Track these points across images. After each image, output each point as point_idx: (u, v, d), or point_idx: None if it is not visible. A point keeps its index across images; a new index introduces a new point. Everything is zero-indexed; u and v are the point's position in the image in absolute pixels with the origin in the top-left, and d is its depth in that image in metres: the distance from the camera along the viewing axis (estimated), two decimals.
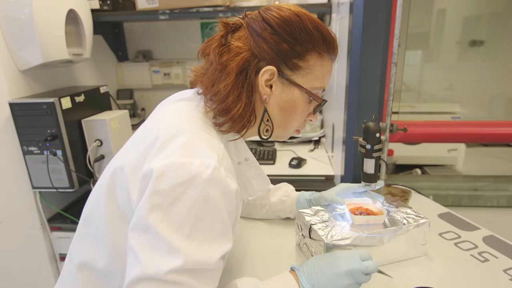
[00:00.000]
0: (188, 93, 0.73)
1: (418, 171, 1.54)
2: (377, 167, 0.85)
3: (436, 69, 2.34)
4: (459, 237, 0.95)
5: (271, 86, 0.68)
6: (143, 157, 0.60)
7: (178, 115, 0.67)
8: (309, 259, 0.71)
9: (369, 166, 0.84)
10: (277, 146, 1.84)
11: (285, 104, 0.70)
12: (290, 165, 1.58)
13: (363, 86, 1.18)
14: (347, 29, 1.24)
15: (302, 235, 0.88)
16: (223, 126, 0.67)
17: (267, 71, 0.65)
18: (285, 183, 1.07)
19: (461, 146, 1.60)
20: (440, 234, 0.96)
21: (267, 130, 0.72)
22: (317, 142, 1.84)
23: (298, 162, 1.58)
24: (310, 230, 0.83)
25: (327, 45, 0.68)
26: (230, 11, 1.65)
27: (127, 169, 0.61)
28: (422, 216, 0.86)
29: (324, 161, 1.63)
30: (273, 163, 1.63)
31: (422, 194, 1.19)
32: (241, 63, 0.65)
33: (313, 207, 0.92)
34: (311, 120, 0.77)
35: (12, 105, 1.34)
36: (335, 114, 1.52)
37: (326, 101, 0.73)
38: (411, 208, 0.90)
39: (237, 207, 0.64)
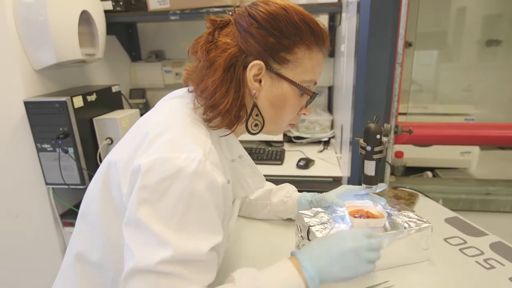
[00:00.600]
0: (181, 91, 0.75)
1: (429, 174, 1.51)
2: (378, 169, 0.83)
3: (453, 70, 2.28)
4: (465, 242, 0.92)
5: (260, 81, 0.68)
6: (133, 153, 0.62)
7: (167, 112, 0.69)
8: (311, 241, 0.69)
9: (369, 168, 0.83)
10: (286, 146, 1.84)
11: (275, 99, 0.70)
12: (298, 166, 1.57)
13: (369, 86, 1.16)
14: (355, 28, 1.23)
15: (301, 236, 0.87)
16: (213, 122, 0.68)
17: (254, 66, 0.66)
18: (287, 184, 1.06)
19: (475, 149, 1.54)
20: (445, 239, 0.94)
21: (256, 125, 0.73)
22: (326, 143, 1.83)
23: (306, 163, 1.56)
24: (308, 231, 0.82)
25: (316, 37, 0.68)
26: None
27: (119, 164, 0.63)
28: (425, 220, 0.84)
29: (332, 162, 1.61)
30: (281, 163, 1.62)
31: (430, 198, 1.16)
32: (228, 59, 0.65)
33: (313, 208, 0.91)
34: (304, 114, 0.77)
35: (27, 104, 1.38)
36: (344, 115, 1.50)
37: (317, 94, 0.74)
38: (414, 211, 0.88)
39: (225, 201, 0.65)
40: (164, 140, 0.60)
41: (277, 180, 1.46)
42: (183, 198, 0.55)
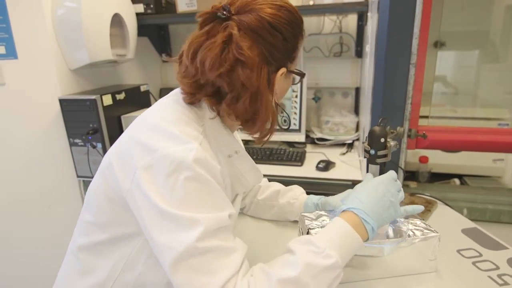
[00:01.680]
0: (178, 89, 0.76)
1: (457, 181, 1.42)
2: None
3: (496, 71, 2.12)
4: (480, 255, 0.87)
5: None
6: (131, 147, 0.66)
7: (162, 109, 0.73)
8: (353, 192, 0.76)
9: (373, 173, 0.81)
10: (308, 148, 1.82)
11: (283, 91, 0.77)
12: (317, 168, 1.55)
13: (388, 88, 1.12)
14: (375, 28, 1.19)
15: None
16: (249, 131, 0.74)
17: (279, 74, 0.71)
18: (296, 186, 1.06)
19: (510, 156, 1.42)
20: (458, 251, 0.89)
21: (284, 121, 0.78)
22: (350, 146, 1.78)
23: (326, 165, 1.54)
24: (307, 234, 0.81)
25: (303, 26, 0.73)
26: None
27: (119, 159, 0.67)
28: (433, 230, 0.80)
29: (354, 166, 1.57)
30: (301, 165, 1.61)
31: (449, 206, 1.10)
32: (266, 81, 0.68)
33: (317, 211, 0.90)
34: None
35: (61, 101, 1.49)
36: (366, 117, 1.46)
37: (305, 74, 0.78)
38: (423, 220, 0.84)
39: (225, 187, 0.71)
40: (160, 137, 0.64)
41: (295, 182, 1.45)
42: (192, 185, 0.60)
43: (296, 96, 1.79)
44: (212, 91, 0.69)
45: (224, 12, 0.65)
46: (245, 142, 1.91)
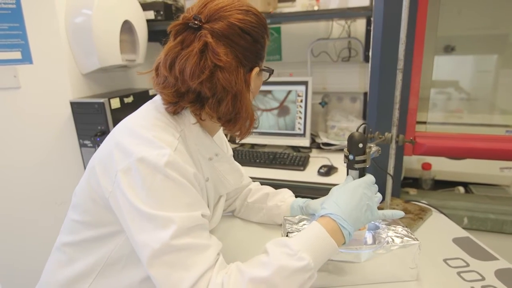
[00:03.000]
0: (158, 96, 0.79)
1: (461, 189, 1.37)
2: None
3: None
4: (467, 265, 0.84)
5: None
6: (111, 151, 0.69)
7: (141, 115, 0.76)
8: (330, 196, 0.77)
9: (353, 177, 0.80)
10: (313, 152, 1.81)
11: (256, 89, 0.79)
12: (319, 173, 1.55)
13: (382, 93, 1.11)
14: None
15: None
16: (230, 130, 0.77)
17: (254, 74, 0.75)
18: (285, 189, 1.07)
19: None
20: (445, 260, 0.86)
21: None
22: None
23: (328, 170, 1.53)
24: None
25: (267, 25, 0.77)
26: (270, 17, 1.68)
27: (101, 162, 0.71)
28: (414, 237, 0.79)
29: None
30: (303, 169, 1.61)
31: (444, 214, 1.07)
32: (243, 82, 0.72)
33: (299, 215, 0.90)
34: None
35: (72, 104, 1.56)
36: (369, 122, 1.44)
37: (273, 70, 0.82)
38: (406, 227, 0.83)
39: (201, 189, 0.73)
40: (137, 141, 0.67)
41: (296, 186, 1.47)
42: (165, 187, 0.64)
43: (301, 101, 1.80)
44: (194, 97, 0.72)
45: (196, 22, 0.68)
46: (251, 146, 1.93)
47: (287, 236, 0.82)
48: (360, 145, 0.77)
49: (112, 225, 0.73)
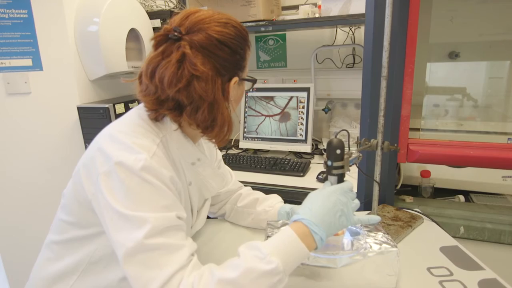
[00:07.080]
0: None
1: (462, 197, 1.34)
2: None
3: None
4: (451, 275, 0.83)
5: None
6: (94, 155, 0.73)
7: (123, 121, 0.79)
8: (305, 203, 0.77)
9: (332, 183, 0.81)
10: (316, 158, 1.81)
11: (238, 98, 0.83)
12: (318, 179, 1.55)
13: (374, 101, 1.11)
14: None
15: None
16: (209, 135, 0.79)
17: (232, 83, 0.77)
18: (274, 195, 1.08)
19: None
20: (428, 268, 0.85)
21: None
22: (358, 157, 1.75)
23: (327, 177, 1.53)
24: None
25: (248, 37, 0.79)
26: (271, 25, 1.70)
27: (85, 166, 0.75)
28: (392, 244, 0.78)
29: (356, 178, 1.54)
30: (303, 175, 1.61)
31: (436, 222, 1.05)
32: (220, 91, 0.74)
33: (282, 220, 0.91)
34: None
35: (79, 109, 1.62)
36: None
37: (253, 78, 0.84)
38: (387, 234, 0.83)
39: (179, 193, 0.76)
40: (116, 146, 0.71)
41: (294, 192, 1.47)
42: (142, 188, 0.67)
43: (303, 107, 1.80)
44: (173, 105, 0.75)
45: (176, 33, 0.71)
46: (254, 151, 1.95)
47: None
48: (338, 151, 0.78)
49: (95, 226, 0.77)
